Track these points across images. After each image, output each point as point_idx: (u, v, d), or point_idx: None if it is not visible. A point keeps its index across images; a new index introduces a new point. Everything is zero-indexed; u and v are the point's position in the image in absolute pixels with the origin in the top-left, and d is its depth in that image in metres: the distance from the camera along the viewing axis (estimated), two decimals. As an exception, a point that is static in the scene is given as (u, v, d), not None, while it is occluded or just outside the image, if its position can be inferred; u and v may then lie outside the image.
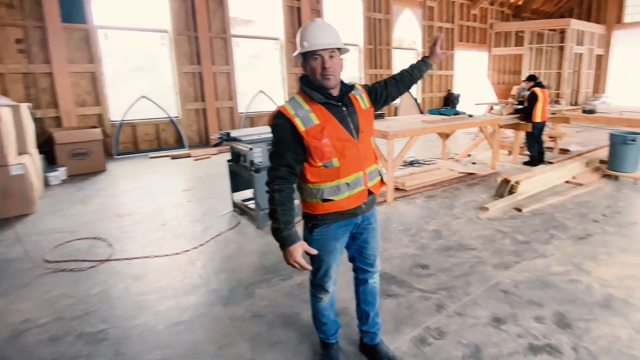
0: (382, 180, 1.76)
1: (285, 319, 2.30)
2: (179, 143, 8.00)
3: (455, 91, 13.12)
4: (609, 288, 2.58)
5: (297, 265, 1.56)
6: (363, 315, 1.93)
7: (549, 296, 2.49)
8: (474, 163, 6.19)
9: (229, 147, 4.05)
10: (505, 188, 4.50)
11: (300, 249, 1.56)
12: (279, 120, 1.52)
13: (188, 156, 7.22)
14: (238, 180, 4.20)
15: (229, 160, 4.06)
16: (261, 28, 9.24)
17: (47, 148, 5.93)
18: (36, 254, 3.19)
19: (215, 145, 4.03)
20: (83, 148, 5.93)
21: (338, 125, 1.54)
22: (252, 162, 3.59)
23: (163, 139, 7.91)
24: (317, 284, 1.78)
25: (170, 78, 8.01)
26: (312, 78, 1.53)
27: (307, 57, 1.51)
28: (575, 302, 2.43)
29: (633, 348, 2.01)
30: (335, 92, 1.56)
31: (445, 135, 6.49)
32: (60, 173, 5.48)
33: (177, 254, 3.17)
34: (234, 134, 3.88)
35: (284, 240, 1.55)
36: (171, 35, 7.77)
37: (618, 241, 3.29)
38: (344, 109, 1.57)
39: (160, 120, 7.86)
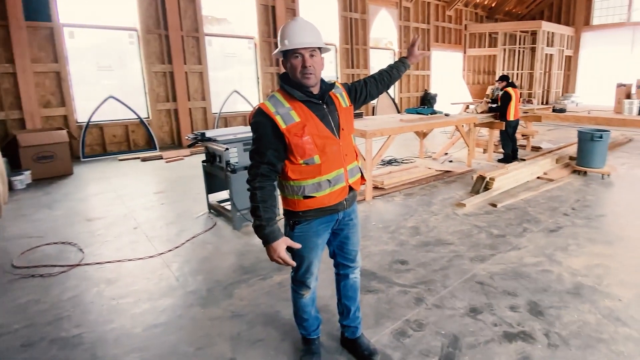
0: (362, 176, 1.81)
1: (266, 318, 2.32)
2: (150, 145, 7.84)
3: (432, 91, 13.52)
4: (579, 277, 2.75)
5: (280, 261, 1.60)
6: (344, 310, 1.98)
7: (522, 286, 2.64)
8: (450, 161, 6.41)
9: (203, 148, 4.03)
10: (481, 185, 4.70)
11: (283, 245, 1.59)
12: (260, 118, 1.55)
13: (159, 158, 7.08)
14: (213, 182, 4.18)
15: (203, 161, 4.04)
16: (235, 27, 9.21)
17: (10, 151, 5.68)
18: (4, 261, 3.08)
19: (190, 145, 4.00)
20: (48, 151, 5.71)
21: (319, 122, 1.58)
22: (228, 163, 3.59)
23: (133, 141, 7.72)
24: (299, 281, 1.82)
25: (139, 77, 7.85)
26: (293, 76, 1.56)
27: (287, 55, 1.54)
28: (547, 291, 2.58)
29: (601, 332, 2.17)
30: (315, 90, 1.60)
31: (422, 134, 6.70)
32: (25, 177, 5.26)
33: (151, 257, 3.13)
34: (209, 134, 3.87)
35: (267, 237, 1.58)
36: (140, 34, 7.62)
37: (587, 233, 3.51)
38: (325, 107, 1.62)
39: (129, 121, 7.68)
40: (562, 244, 3.28)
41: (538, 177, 5.31)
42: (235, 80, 9.17)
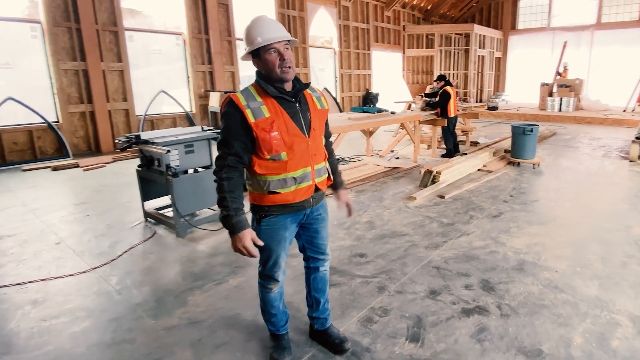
0: (329, 177, 1.91)
1: (227, 321, 2.34)
2: (61, 152, 7.21)
3: (373, 90, 14.30)
4: (521, 255, 3.20)
5: (244, 251, 1.67)
6: (314, 302, 2.10)
7: (474, 267, 3.00)
8: (397, 158, 6.90)
9: (128, 154, 3.90)
10: (429, 178, 5.16)
11: (249, 235, 1.67)
12: (230, 109, 1.63)
13: (75, 166, 6.58)
14: (150, 188, 4.06)
15: (139, 166, 3.90)
16: (160, 21, 8.90)
17: None
18: None
19: (123, 149, 3.84)
20: None
21: (289, 120, 1.67)
22: (168, 166, 3.53)
23: (39, 148, 7.05)
24: (267, 275, 1.90)
25: (45, 76, 7.21)
26: (270, 73, 1.64)
27: (260, 53, 1.62)
28: (495, 269, 2.97)
29: (543, 299, 2.56)
30: (288, 88, 1.69)
31: (369, 133, 7.11)
32: None
33: (84, 272, 2.94)
34: (145, 136, 3.77)
35: (234, 227, 1.64)
36: (45, 27, 7.02)
37: (524, 216, 4.07)
38: (297, 105, 1.71)
39: (34, 126, 7.00)
40: (504, 228, 3.77)
41: (479, 169, 5.97)
42: (162, 79, 8.84)
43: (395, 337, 2.20)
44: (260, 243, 1.72)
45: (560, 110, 13.18)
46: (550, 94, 13.82)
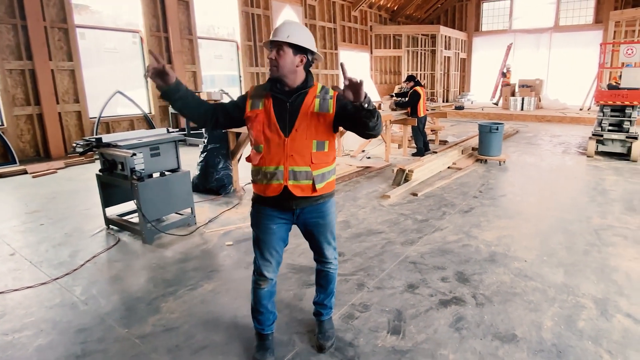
0: (314, 186, 1.84)
1: (205, 326, 2.35)
2: (5, 158, 6.81)
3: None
4: (492, 247, 3.42)
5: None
6: (317, 291, 2.23)
7: (449, 260, 3.17)
8: (369, 157, 7.09)
9: (82, 159, 3.79)
10: (401, 177, 5.35)
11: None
12: (244, 94, 1.94)
13: (23, 173, 6.25)
14: (112, 193, 3.97)
15: (100, 171, 3.79)
16: (115, 18, 8.63)
17: None
18: None
19: (82, 153, 3.72)
20: None
21: (273, 117, 1.81)
22: (133, 170, 3.46)
23: (-20, 155, 6.61)
24: (258, 270, 1.99)
25: (-14, 75, 6.79)
26: None
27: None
28: (469, 261, 3.15)
29: (514, 287, 2.76)
30: (289, 87, 1.82)
31: (340, 133, 7.25)
32: None
33: (43, 283, 2.82)
34: (107, 139, 3.69)
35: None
36: (-15, 21, 6.62)
37: (493, 211, 4.33)
38: (288, 105, 1.81)
39: (-26, 130, 6.56)
40: (475, 222, 3.99)
41: (449, 167, 6.26)
42: (118, 79, 8.56)
43: (377, 331, 2.29)
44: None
45: (522, 109, 14.02)
46: (513, 94, 14.66)
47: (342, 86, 1.68)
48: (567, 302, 2.57)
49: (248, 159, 1.93)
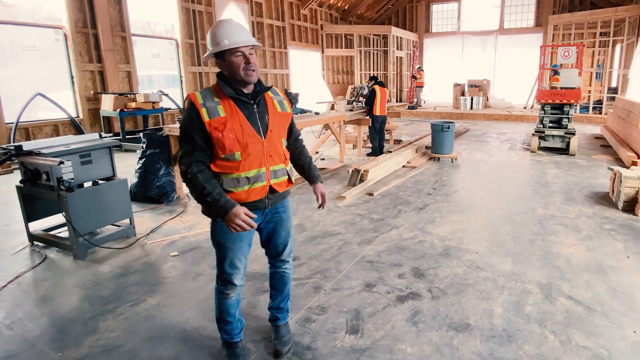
0: (289, 180, 2.03)
1: (151, 342, 2.28)
2: None
3: (292, 90, 14.65)
4: (446, 241, 3.63)
5: (245, 225, 1.74)
6: (271, 296, 2.25)
7: (405, 257, 3.33)
8: (323, 159, 7.22)
9: (0, 169, 3.55)
10: (357, 177, 5.52)
11: (241, 209, 1.76)
12: (189, 106, 1.80)
13: None
14: (36, 206, 3.76)
15: (21, 182, 3.56)
16: (33, 12, 8.08)
17: None
18: None
19: (0, 163, 3.47)
20: None
21: (244, 120, 1.82)
22: (60, 180, 3.29)
23: None
24: (224, 279, 1.97)
25: None
26: (234, 74, 1.80)
27: (225, 55, 1.78)
28: (424, 256, 3.33)
29: (467, 279, 2.96)
30: (248, 90, 1.85)
31: (292, 134, 7.32)
32: None
33: (-43, 310, 2.59)
34: (28, 146, 3.49)
35: (225, 206, 1.74)
36: None
37: (447, 206, 4.60)
38: (255, 107, 1.86)
39: None
40: (429, 218, 4.22)
41: (403, 166, 6.55)
42: (39, 80, 8.02)
43: (335, 332, 2.36)
44: (254, 215, 1.79)
45: (471, 108, 14.97)
46: (463, 94, 15.61)
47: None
48: (515, 289, 2.80)
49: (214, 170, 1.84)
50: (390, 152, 7.08)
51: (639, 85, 10.86)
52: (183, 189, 5.01)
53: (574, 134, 7.28)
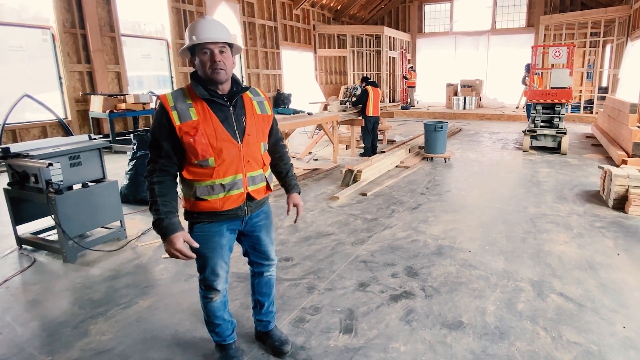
0: (268, 186, 1.95)
1: (143, 345, 2.28)
2: None
3: (285, 91, 14.65)
4: (439, 240, 3.67)
5: (178, 254, 1.70)
6: (258, 305, 2.20)
7: (398, 256, 3.35)
8: (316, 159, 7.24)
9: None
10: (350, 177, 5.55)
11: (181, 238, 1.71)
12: (159, 109, 1.72)
13: None
14: (24, 209, 3.73)
15: (8, 184, 3.54)
16: (20, 12, 8.01)
17: None
18: None
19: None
20: None
21: (218, 124, 1.72)
22: (49, 182, 3.28)
23: None
24: (206, 284, 1.94)
25: None
26: (202, 73, 1.72)
27: (195, 52, 1.72)
28: (417, 256, 3.36)
29: (460, 277, 3.00)
30: (223, 90, 1.76)
31: (285, 135, 7.32)
32: None
33: (-57, 315, 2.56)
34: (16, 148, 3.47)
35: (165, 230, 1.69)
36: None
37: (440, 206, 4.64)
38: (231, 109, 1.76)
39: None
40: (423, 218, 4.26)
41: (397, 166, 6.59)
42: (27, 81, 7.94)
43: (329, 332, 2.38)
44: (195, 245, 1.76)
45: (464, 108, 15.10)
46: (455, 94, 15.74)
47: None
48: (507, 287, 2.84)
49: (182, 176, 1.78)
50: (384, 152, 7.13)
51: (629, 85, 11.04)
52: (175, 190, 5.00)
53: (565, 133, 7.38)
